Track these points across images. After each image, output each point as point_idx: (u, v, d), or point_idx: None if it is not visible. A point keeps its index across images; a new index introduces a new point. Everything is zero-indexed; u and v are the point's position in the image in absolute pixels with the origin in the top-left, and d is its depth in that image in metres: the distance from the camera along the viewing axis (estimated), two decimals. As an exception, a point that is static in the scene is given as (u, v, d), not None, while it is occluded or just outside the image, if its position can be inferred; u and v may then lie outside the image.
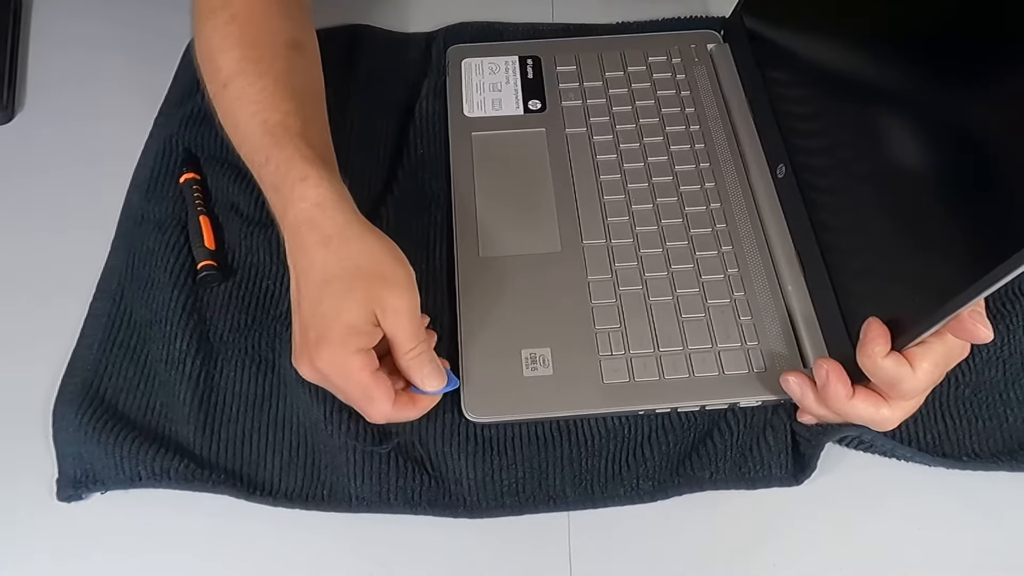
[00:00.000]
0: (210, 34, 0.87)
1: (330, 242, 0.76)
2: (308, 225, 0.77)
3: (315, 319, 0.75)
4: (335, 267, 0.76)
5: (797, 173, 0.89)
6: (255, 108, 0.82)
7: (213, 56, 0.86)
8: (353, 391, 0.76)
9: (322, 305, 0.75)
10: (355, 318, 0.74)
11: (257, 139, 0.81)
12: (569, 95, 1.03)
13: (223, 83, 0.85)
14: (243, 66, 0.84)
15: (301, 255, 0.77)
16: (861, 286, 0.80)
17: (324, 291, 0.75)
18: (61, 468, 0.80)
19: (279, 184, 0.79)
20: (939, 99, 0.75)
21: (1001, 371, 0.86)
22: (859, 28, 0.85)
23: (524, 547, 0.78)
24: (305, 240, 0.77)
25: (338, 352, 0.74)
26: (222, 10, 0.87)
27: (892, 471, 0.81)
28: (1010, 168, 0.66)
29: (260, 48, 0.86)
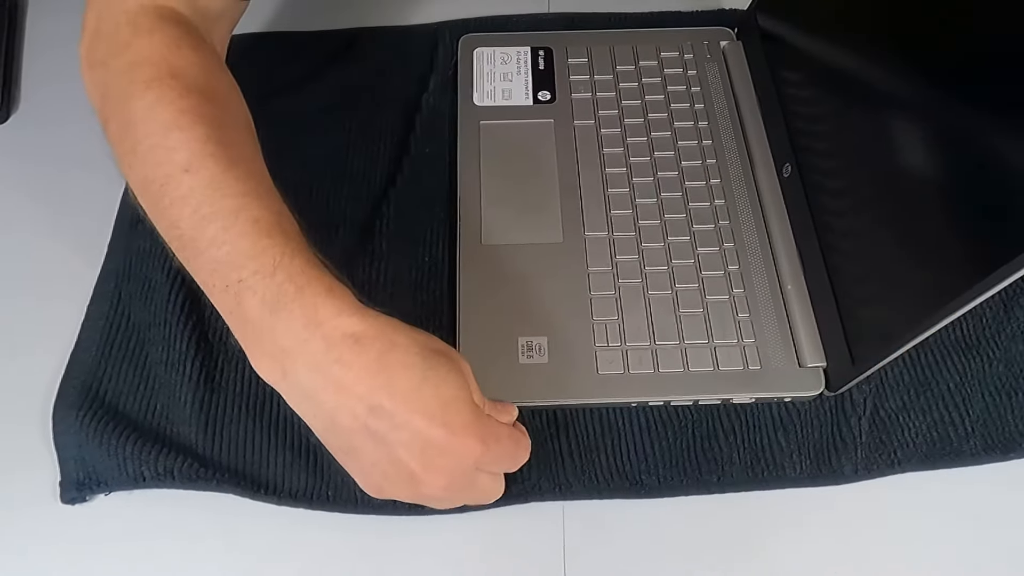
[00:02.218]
0: (156, 106, 0.71)
1: (394, 339, 0.68)
2: (365, 335, 0.67)
3: (431, 410, 0.67)
4: (416, 352, 0.67)
5: (803, 173, 0.89)
6: (236, 203, 0.69)
7: (164, 132, 0.70)
8: (507, 446, 0.72)
9: (440, 388, 0.67)
10: (461, 378, 0.69)
11: (251, 242, 0.68)
12: (579, 87, 1.03)
13: (185, 167, 0.69)
14: (209, 148, 0.70)
15: (367, 367, 0.66)
16: (860, 288, 0.80)
17: (430, 375, 0.67)
18: (63, 471, 0.80)
19: (290, 299, 0.67)
20: (947, 105, 0.74)
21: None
22: (871, 32, 0.84)
23: (518, 540, 0.78)
24: (366, 350, 0.66)
25: (479, 418, 0.69)
26: (173, 80, 0.72)
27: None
28: (1015, 174, 0.66)
29: (222, 124, 0.73)
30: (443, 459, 0.68)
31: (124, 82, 0.73)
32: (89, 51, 0.77)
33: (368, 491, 0.72)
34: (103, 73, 0.75)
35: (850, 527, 0.79)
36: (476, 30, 1.09)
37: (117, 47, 0.74)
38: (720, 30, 1.08)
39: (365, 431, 0.67)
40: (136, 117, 0.71)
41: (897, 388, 0.84)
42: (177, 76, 0.72)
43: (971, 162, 0.71)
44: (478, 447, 0.68)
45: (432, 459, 0.68)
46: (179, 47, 0.74)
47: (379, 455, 0.68)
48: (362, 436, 0.67)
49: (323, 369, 0.66)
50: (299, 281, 0.67)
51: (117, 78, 0.73)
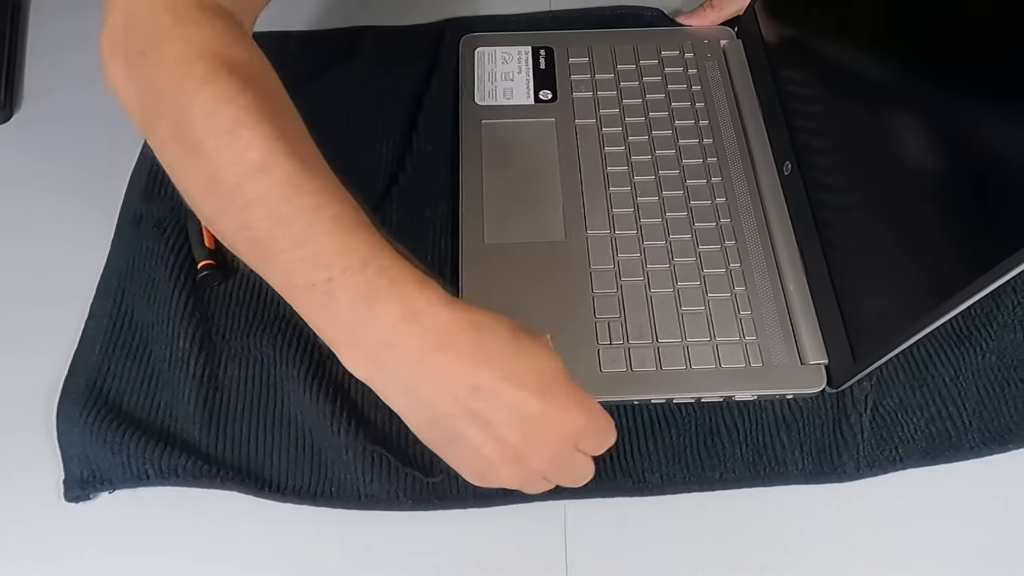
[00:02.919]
0: (218, 103, 0.67)
1: (483, 320, 0.67)
2: (458, 321, 0.67)
3: (530, 384, 0.66)
4: (507, 331, 0.67)
5: (803, 171, 0.90)
6: (315, 201, 0.67)
7: (232, 129, 0.66)
8: (603, 420, 0.70)
9: (536, 364, 0.67)
10: (553, 352, 0.69)
11: (336, 239, 0.66)
12: (580, 87, 1.03)
13: (259, 166, 0.66)
14: (280, 146, 0.67)
15: (463, 350, 0.66)
16: (861, 285, 0.80)
17: (523, 353, 0.67)
18: (67, 469, 0.80)
19: (383, 293, 0.66)
20: (947, 103, 0.75)
21: (1022, 333, 0.88)
22: (871, 30, 0.85)
23: (521, 539, 0.79)
24: (462, 336, 0.66)
25: (577, 390, 0.68)
26: (231, 75, 0.68)
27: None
28: (1015, 168, 0.66)
29: (284, 120, 0.70)
30: (546, 432, 0.68)
31: (174, 77, 0.68)
32: (120, 42, 0.70)
33: (471, 479, 0.71)
34: (142, 66, 0.69)
35: (853, 523, 0.79)
36: (477, 29, 1.10)
37: (157, 37, 0.69)
38: (721, 29, 1.09)
39: (467, 414, 0.66)
40: (195, 114, 0.67)
41: (894, 384, 0.85)
42: (233, 71, 0.68)
43: (971, 157, 0.71)
44: (580, 417, 0.68)
45: (535, 433, 0.67)
46: (227, 40, 0.70)
47: (482, 437, 0.67)
48: (464, 420, 0.66)
49: (422, 359, 0.66)
50: (391, 275, 0.66)
51: (164, 72, 0.68)
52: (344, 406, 0.82)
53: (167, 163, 0.70)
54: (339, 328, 0.68)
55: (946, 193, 0.73)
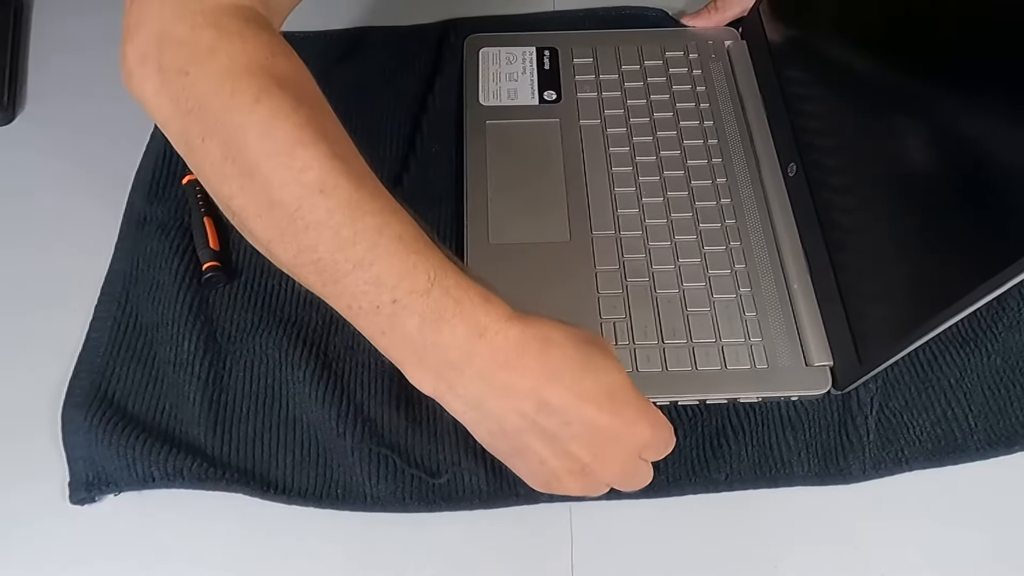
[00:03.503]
0: (272, 122, 0.65)
1: (550, 335, 0.68)
2: (524, 337, 0.67)
3: (598, 399, 0.67)
4: (572, 345, 0.68)
5: (808, 172, 0.90)
6: (376, 221, 0.66)
7: (289, 150, 0.65)
8: (667, 430, 0.71)
9: (603, 378, 0.68)
10: (618, 364, 0.70)
11: (400, 260, 0.65)
12: (585, 87, 1.03)
13: (319, 187, 0.64)
14: (338, 165, 0.65)
15: (531, 366, 0.67)
16: (866, 286, 0.80)
17: (590, 367, 0.68)
18: (72, 471, 0.80)
19: (450, 313, 0.66)
20: (952, 104, 0.75)
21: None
22: (876, 31, 0.85)
23: (527, 541, 0.79)
24: (529, 353, 0.66)
25: (644, 402, 0.69)
26: (282, 91, 0.66)
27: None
28: (1020, 174, 0.66)
29: (335, 135, 0.68)
30: (615, 447, 0.69)
31: (222, 95, 0.65)
32: (152, 53, 0.67)
33: (536, 487, 0.72)
34: (183, 83, 0.66)
35: (859, 525, 0.79)
36: (481, 29, 1.10)
37: (200, 54, 0.66)
38: (725, 29, 1.09)
39: (534, 429, 0.67)
40: (248, 135, 0.65)
41: (899, 386, 0.84)
42: (283, 85, 0.66)
43: (978, 159, 0.71)
44: (647, 431, 0.69)
45: (604, 448, 0.68)
46: (274, 53, 0.68)
47: (549, 452, 0.68)
48: (531, 435, 0.67)
49: (490, 376, 0.66)
50: (456, 294, 0.66)
51: (211, 91, 0.66)
52: (350, 407, 0.82)
53: (215, 184, 0.68)
54: (405, 348, 0.67)
55: (953, 195, 0.73)
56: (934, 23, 0.78)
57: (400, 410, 0.83)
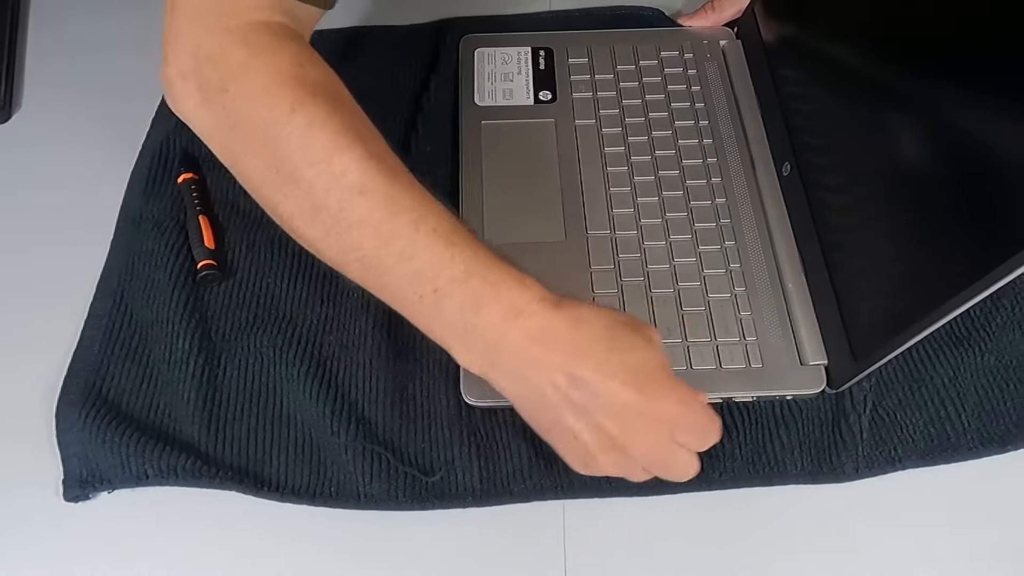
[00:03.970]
0: (309, 130, 0.69)
1: (581, 315, 0.72)
2: (556, 316, 0.71)
3: (623, 375, 0.70)
4: (602, 324, 0.72)
5: (802, 172, 0.90)
6: (413, 216, 0.70)
7: (328, 156, 0.69)
8: (701, 415, 0.73)
9: (632, 356, 0.71)
10: (650, 345, 0.72)
11: (438, 251, 0.70)
12: (580, 87, 1.04)
13: (359, 189, 0.69)
14: (374, 165, 0.70)
15: (562, 342, 0.70)
16: (861, 285, 0.80)
17: (620, 344, 0.71)
18: (66, 468, 0.80)
19: (487, 298, 0.70)
20: (946, 103, 0.75)
21: (1020, 333, 0.87)
22: (870, 31, 0.85)
23: (519, 539, 0.79)
24: (560, 330, 0.71)
25: (672, 381, 0.72)
26: (315, 99, 0.70)
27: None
28: (1016, 172, 0.66)
29: (369, 136, 0.72)
30: (641, 421, 0.71)
31: (260, 109, 0.70)
32: (191, 72, 0.72)
33: (575, 467, 0.74)
34: (223, 101, 0.71)
35: (852, 524, 0.79)
36: (476, 29, 1.10)
37: (235, 70, 0.71)
38: (720, 29, 1.10)
39: (567, 402, 0.70)
40: (289, 145, 0.69)
41: (892, 385, 0.84)
42: (317, 95, 0.70)
43: (972, 158, 0.71)
44: (674, 408, 0.71)
45: (630, 422, 0.70)
46: (303, 64, 0.72)
47: (582, 424, 0.71)
48: (565, 407, 0.70)
49: (526, 352, 0.70)
50: (491, 279, 0.70)
51: (250, 106, 0.70)
52: (343, 406, 0.82)
53: (260, 192, 0.73)
54: (448, 332, 0.72)
55: (947, 194, 0.73)
56: (928, 21, 0.78)
57: (393, 409, 0.83)
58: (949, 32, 0.75)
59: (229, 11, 0.72)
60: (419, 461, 0.81)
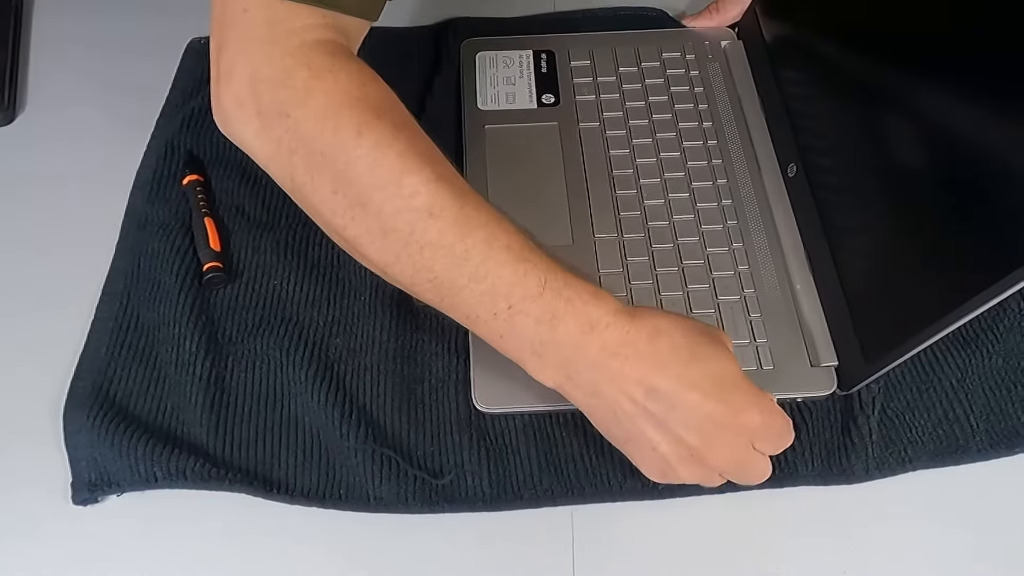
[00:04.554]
0: (376, 153, 0.69)
1: (658, 325, 0.72)
2: (633, 329, 0.71)
3: (704, 386, 0.71)
4: (680, 334, 0.72)
5: (808, 173, 0.90)
6: (484, 234, 0.71)
7: (396, 179, 0.69)
8: (779, 421, 0.74)
9: (711, 366, 0.72)
10: (728, 354, 0.73)
11: (512, 269, 0.71)
12: (583, 90, 1.04)
13: (428, 211, 0.69)
14: (442, 187, 0.70)
15: (639, 355, 0.71)
16: (871, 287, 0.80)
17: (698, 355, 0.72)
18: (75, 471, 0.80)
19: (562, 313, 0.71)
20: (952, 103, 0.75)
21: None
22: (874, 29, 0.85)
23: (528, 544, 0.78)
24: (638, 343, 0.71)
25: (753, 391, 0.73)
26: (380, 120, 0.70)
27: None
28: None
29: (434, 157, 0.72)
30: (722, 433, 0.71)
31: (326, 132, 0.70)
32: (248, 98, 0.71)
33: (651, 476, 0.75)
34: (285, 125, 0.70)
35: (862, 525, 0.79)
36: (478, 30, 1.10)
37: (298, 94, 0.70)
38: (721, 30, 1.10)
39: (645, 414, 0.71)
40: (357, 168, 0.69)
41: (900, 387, 0.84)
42: (381, 116, 0.70)
43: (983, 158, 0.71)
44: (756, 418, 0.72)
45: (711, 434, 0.71)
46: (364, 84, 0.72)
47: (660, 436, 0.71)
48: (643, 419, 0.71)
49: (602, 365, 0.71)
50: (566, 294, 0.71)
51: (315, 130, 0.70)
52: (352, 409, 0.82)
53: (326, 216, 0.73)
54: (523, 348, 0.73)
55: (957, 195, 0.73)
56: (933, 18, 0.78)
57: (402, 412, 0.83)
58: (954, 33, 0.76)
59: (285, 34, 0.71)
60: (428, 464, 0.81)
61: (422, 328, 0.87)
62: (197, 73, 1.07)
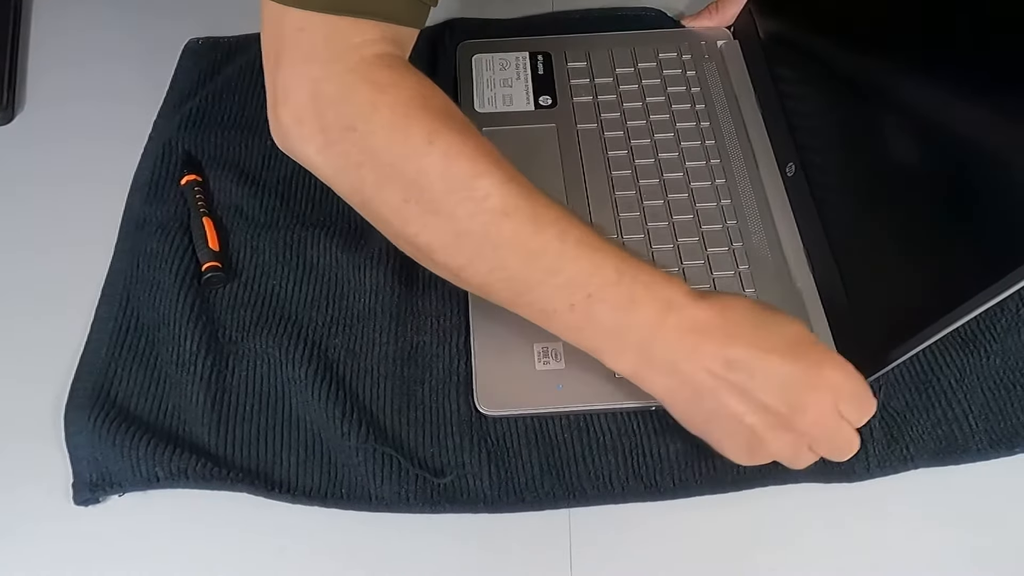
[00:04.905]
0: (447, 159, 0.71)
1: (726, 302, 0.73)
2: (704, 306, 0.72)
3: (780, 348, 0.72)
4: (748, 306, 0.74)
5: (807, 172, 0.90)
6: (557, 230, 0.72)
7: (469, 183, 0.71)
8: (861, 384, 0.74)
9: (782, 332, 0.73)
10: (797, 320, 0.75)
11: (588, 260, 0.72)
12: (580, 91, 1.04)
13: (502, 211, 0.71)
14: (513, 187, 0.72)
15: (714, 328, 0.72)
16: (872, 286, 0.80)
17: (768, 323, 0.73)
18: (76, 472, 0.80)
19: (640, 296, 0.72)
20: (951, 101, 0.75)
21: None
22: (870, 28, 0.85)
23: (525, 544, 0.78)
24: (711, 318, 0.72)
25: (829, 351, 0.74)
26: (446, 127, 0.72)
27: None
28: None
29: (500, 159, 0.74)
30: (805, 392, 0.72)
31: (395, 143, 0.71)
32: (310, 114, 0.73)
33: (739, 457, 0.75)
34: (352, 139, 0.72)
35: (863, 523, 0.79)
36: (476, 32, 1.10)
37: (363, 110, 0.72)
38: (717, 29, 1.10)
39: (726, 385, 0.71)
40: (429, 175, 0.71)
41: (899, 387, 0.84)
42: (447, 123, 0.72)
43: (982, 157, 0.71)
44: (837, 373, 0.73)
45: (796, 395, 0.72)
46: (424, 90, 0.73)
47: (744, 407, 0.72)
48: (725, 391, 0.71)
49: (679, 342, 0.72)
50: (643, 279, 0.72)
51: (381, 141, 0.72)
52: (353, 408, 0.82)
53: (397, 226, 0.74)
54: (601, 337, 0.74)
55: (956, 195, 0.73)
56: (931, 16, 0.78)
57: (402, 413, 0.83)
58: (951, 30, 0.76)
59: (343, 50, 0.72)
60: (429, 465, 0.80)
61: (423, 330, 0.87)
62: (195, 74, 1.07)
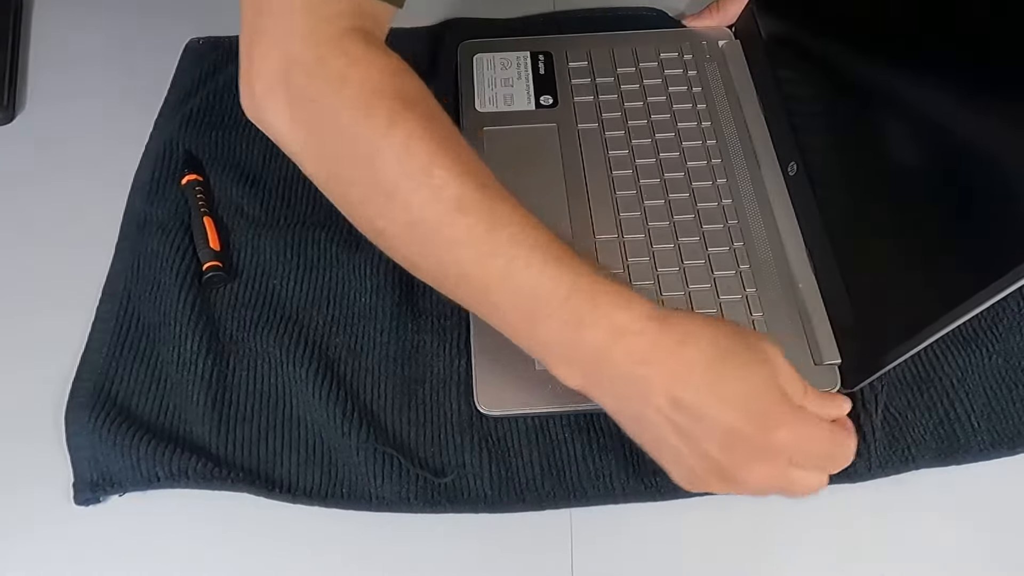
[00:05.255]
0: (408, 145, 0.67)
1: (689, 331, 0.68)
2: (662, 335, 0.67)
3: (731, 400, 0.67)
4: (709, 344, 0.68)
5: (809, 171, 0.90)
6: (511, 232, 0.68)
7: (426, 170, 0.67)
8: (820, 442, 0.70)
9: (742, 378, 0.68)
10: (764, 367, 0.69)
11: (539, 270, 0.68)
12: (581, 91, 1.04)
13: (456, 204, 0.67)
14: (470, 181, 0.68)
15: (666, 363, 0.67)
16: (874, 285, 0.80)
17: (729, 365, 0.68)
18: (77, 472, 0.80)
19: (589, 318, 0.67)
20: (952, 100, 0.75)
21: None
22: (872, 28, 0.85)
23: (528, 543, 0.78)
24: (665, 350, 0.67)
25: (785, 409, 0.68)
26: (411, 112, 0.68)
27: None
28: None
29: (463, 151, 0.70)
30: (750, 451, 0.68)
31: (356, 121, 0.68)
32: (278, 83, 0.70)
33: (680, 484, 0.72)
34: (316, 111, 0.70)
35: (864, 524, 0.79)
36: (477, 32, 1.10)
37: (331, 81, 0.69)
38: (718, 29, 1.10)
39: (671, 425, 0.68)
40: (386, 158, 0.68)
41: (901, 386, 0.84)
42: (412, 108, 0.69)
43: (983, 156, 0.71)
44: (786, 438, 0.68)
45: (738, 451, 0.68)
46: (397, 74, 0.70)
47: (686, 449, 0.68)
48: (668, 429, 0.68)
49: (628, 373, 0.68)
50: (595, 299, 0.67)
51: (343, 117, 0.69)
52: (353, 408, 0.82)
53: (355, 206, 0.72)
54: (549, 350, 0.70)
55: (957, 193, 0.73)
56: (933, 16, 0.78)
57: (403, 413, 0.83)
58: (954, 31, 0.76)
59: (318, 20, 0.70)
60: (430, 465, 0.80)
61: (423, 329, 0.87)
62: (195, 73, 1.07)
